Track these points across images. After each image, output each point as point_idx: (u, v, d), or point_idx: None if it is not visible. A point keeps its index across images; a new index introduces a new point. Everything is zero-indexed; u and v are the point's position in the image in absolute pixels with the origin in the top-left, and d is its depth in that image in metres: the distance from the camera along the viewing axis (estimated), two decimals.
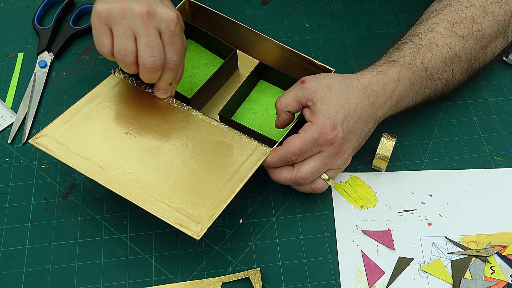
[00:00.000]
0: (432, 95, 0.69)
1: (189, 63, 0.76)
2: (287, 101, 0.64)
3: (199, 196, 0.61)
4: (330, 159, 0.63)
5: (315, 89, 0.63)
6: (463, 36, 0.68)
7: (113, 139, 0.65)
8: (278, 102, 0.65)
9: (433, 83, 0.68)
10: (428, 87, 0.68)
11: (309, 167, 0.63)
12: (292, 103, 0.64)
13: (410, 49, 0.67)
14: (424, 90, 0.68)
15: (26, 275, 0.64)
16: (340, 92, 0.63)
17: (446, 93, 0.71)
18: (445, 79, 0.68)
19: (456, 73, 0.69)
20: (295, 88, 0.64)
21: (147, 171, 0.63)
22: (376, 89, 0.64)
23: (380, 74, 0.65)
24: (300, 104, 0.64)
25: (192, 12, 0.78)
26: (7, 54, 0.81)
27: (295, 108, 0.64)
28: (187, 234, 0.58)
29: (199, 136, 0.66)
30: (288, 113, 0.65)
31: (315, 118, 0.62)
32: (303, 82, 0.64)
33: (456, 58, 0.68)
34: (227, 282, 0.63)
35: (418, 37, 0.68)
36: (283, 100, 0.65)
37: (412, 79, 0.66)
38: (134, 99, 0.69)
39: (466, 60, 0.69)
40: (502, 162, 0.71)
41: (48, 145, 0.64)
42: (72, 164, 0.63)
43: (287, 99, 0.64)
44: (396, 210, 0.68)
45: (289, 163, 0.63)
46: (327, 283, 0.63)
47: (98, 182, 0.61)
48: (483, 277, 0.63)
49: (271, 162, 0.64)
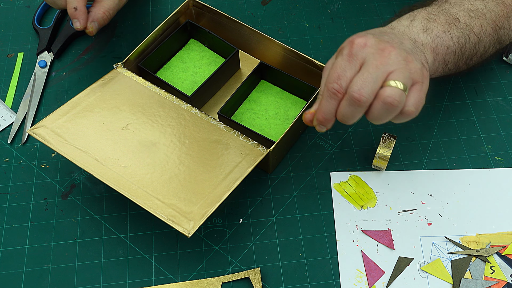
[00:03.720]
0: (467, 43, 0.64)
1: (191, 62, 0.77)
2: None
3: (193, 193, 0.61)
4: (378, 60, 0.54)
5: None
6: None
7: (110, 133, 0.66)
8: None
9: (462, 27, 0.63)
10: (458, 27, 0.63)
11: (359, 77, 0.54)
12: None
13: (429, 8, 0.64)
14: (453, 31, 0.62)
15: (26, 275, 0.64)
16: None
17: (481, 51, 0.66)
18: (476, 31, 0.64)
19: (486, 29, 0.65)
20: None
21: (142, 166, 0.63)
22: (401, 28, 0.60)
23: (407, 20, 0.62)
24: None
25: (196, 12, 0.78)
26: (7, 54, 0.81)
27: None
28: (178, 230, 0.58)
29: (197, 134, 0.67)
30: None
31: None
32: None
33: (480, 14, 0.65)
34: (227, 282, 0.63)
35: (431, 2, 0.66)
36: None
37: (438, 19, 0.62)
38: (134, 95, 0.69)
39: (492, 20, 0.65)
40: (502, 162, 0.71)
41: (46, 136, 0.64)
42: (69, 156, 0.63)
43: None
44: (396, 210, 0.68)
45: (339, 94, 0.55)
46: (327, 283, 0.63)
47: (93, 175, 0.62)
48: (483, 277, 0.63)
49: (323, 109, 0.56)
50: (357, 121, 0.73)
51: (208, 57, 0.77)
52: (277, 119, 0.72)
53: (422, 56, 0.59)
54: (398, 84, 0.53)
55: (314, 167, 0.71)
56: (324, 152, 0.72)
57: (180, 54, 0.78)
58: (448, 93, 0.77)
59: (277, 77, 0.73)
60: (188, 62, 0.77)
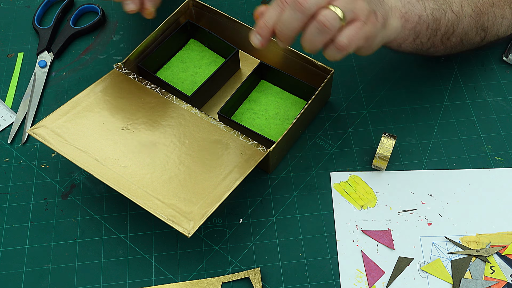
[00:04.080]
0: (442, 19, 0.64)
1: (192, 62, 0.77)
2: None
3: (193, 193, 0.61)
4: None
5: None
6: None
7: (110, 133, 0.66)
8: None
9: (440, 1, 0.63)
10: (435, 1, 0.62)
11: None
12: None
13: None
14: (429, 3, 0.63)
15: (26, 275, 0.64)
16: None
17: (460, 32, 0.66)
18: (454, 9, 0.64)
19: (467, 10, 0.65)
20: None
21: (142, 166, 0.63)
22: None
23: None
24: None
25: (196, 12, 0.78)
26: (7, 54, 0.81)
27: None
28: (178, 230, 0.58)
29: (197, 134, 0.67)
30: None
31: None
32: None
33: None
34: (227, 282, 0.63)
35: None
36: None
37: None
38: (134, 95, 0.69)
39: (474, 3, 0.65)
40: (502, 162, 0.71)
41: (46, 136, 0.64)
42: (69, 156, 0.63)
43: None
44: (396, 210, 0.68)
45: (285, 4, 0.55)
46: (327, 283, 0.63)
47: (93, 175, 0.62)
48: (483, 277, 0.63)
49: (266, 15, 0.56)
50: (357, 121, 0.73)
51: (208, 57, 0.77)
52: (277, 119, 0.72)
53: (381, 9, 0.58)
54: (337, 10, 0.54)
55: (314, 167, 0.71)
56: (324, 152, 0.72)
57: (180, 54, 0.78)
58: (448, 93, 0.76)
59: (277, 77, 0.73)
60: (188, 62, 0.77)
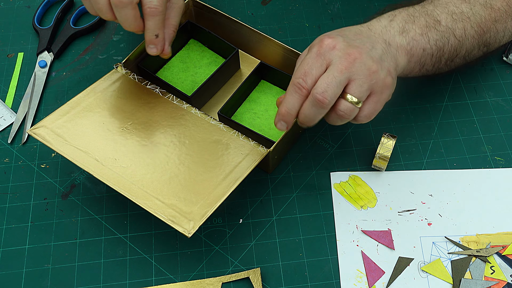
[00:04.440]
0: (446, 46, 0.65)
1: (192, 62, 0.77)
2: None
3: (193, 193, 0.61)
4: (343, 64, 0.56)
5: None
6: (468, 1, 0.66)
7: (111, 133, 0.66)
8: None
9: (442, 30, 0.64)
10: (438, 30, 0.64)
11: (323, 79, 0.56)
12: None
13: (411, 9, 0.65)
14: (432, 34, 0.63)
15: (26, 275, 0.64)
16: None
17: (463, 54, 0.67)
18: (457, 34, 0.65)
19: (470, 33, 0.65)
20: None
21: (142, 166, 0.63)
22: (377, 26, 0.62)
23: (386, 20, 0.63)
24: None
25: (196, 12, 0.78)
26: (7, 54, 0.81)
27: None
28: (178, 230, 0.58)
29: (197, 134, 0.67)
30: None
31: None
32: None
33: (465, 17, 0.65)
34: (227, 282, 0.63)
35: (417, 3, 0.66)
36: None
37: (418, 21, 0.63)
38: (134, 95, 0.69)
39: (476, 24, 0.66)
40: (502, 162, 0.71)
41: (46, 136, 0.64)
42: (69, 156, 0.63)
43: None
44: (396, 210, 0.68)
45: (303, 90, 0.57)
46: (327, 283, 0.63)
47: (93, 175, 0.62)
48: (483, 277, 0.63)
49: (287, 103, 0.58)
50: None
51: (208, 57, 0.77)
52: None
53: (391, 61, 0.61)
54: (353, 99, 0.57)
55: (314, 167, 0.71)
56: (324, 152, 0.72)
57: (180, 54, 0.78)
58: (448, 93, 0.77)
59: (277, 77, 0.73)
60: (188, 62, 0.77)
